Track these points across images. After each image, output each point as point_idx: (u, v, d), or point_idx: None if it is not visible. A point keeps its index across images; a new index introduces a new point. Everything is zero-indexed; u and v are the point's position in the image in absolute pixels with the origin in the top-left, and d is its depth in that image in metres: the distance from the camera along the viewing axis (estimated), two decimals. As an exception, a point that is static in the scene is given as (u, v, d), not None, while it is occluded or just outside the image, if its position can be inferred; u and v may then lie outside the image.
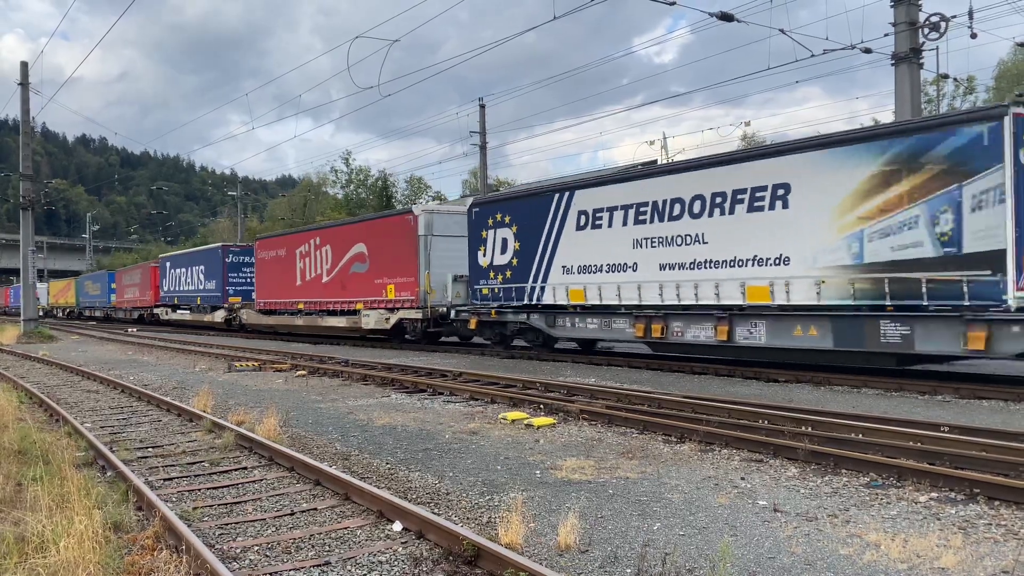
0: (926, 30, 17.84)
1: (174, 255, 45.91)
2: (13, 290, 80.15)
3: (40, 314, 40.76)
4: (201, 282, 39.27)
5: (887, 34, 18.29)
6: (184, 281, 41.76)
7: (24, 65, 35.04)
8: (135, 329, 42.72)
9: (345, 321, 26.73)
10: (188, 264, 41.33)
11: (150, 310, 47.43)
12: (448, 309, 22.41)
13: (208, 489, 7.30)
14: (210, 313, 38.16)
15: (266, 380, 16.33)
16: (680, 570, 4.88)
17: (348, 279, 26.80)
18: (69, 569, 4.85)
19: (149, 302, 47.28)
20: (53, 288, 76.08)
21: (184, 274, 41.71)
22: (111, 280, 56.38)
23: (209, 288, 38.23)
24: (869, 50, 19.20)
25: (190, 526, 5.76)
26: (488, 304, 20.38)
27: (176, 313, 42.94)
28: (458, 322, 22.00)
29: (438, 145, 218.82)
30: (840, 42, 22.27)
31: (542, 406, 11.22)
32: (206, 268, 38.59)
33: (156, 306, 46.31)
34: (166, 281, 44.63)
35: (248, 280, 36.22)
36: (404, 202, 55.23)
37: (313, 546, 5.58)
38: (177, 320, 42.67)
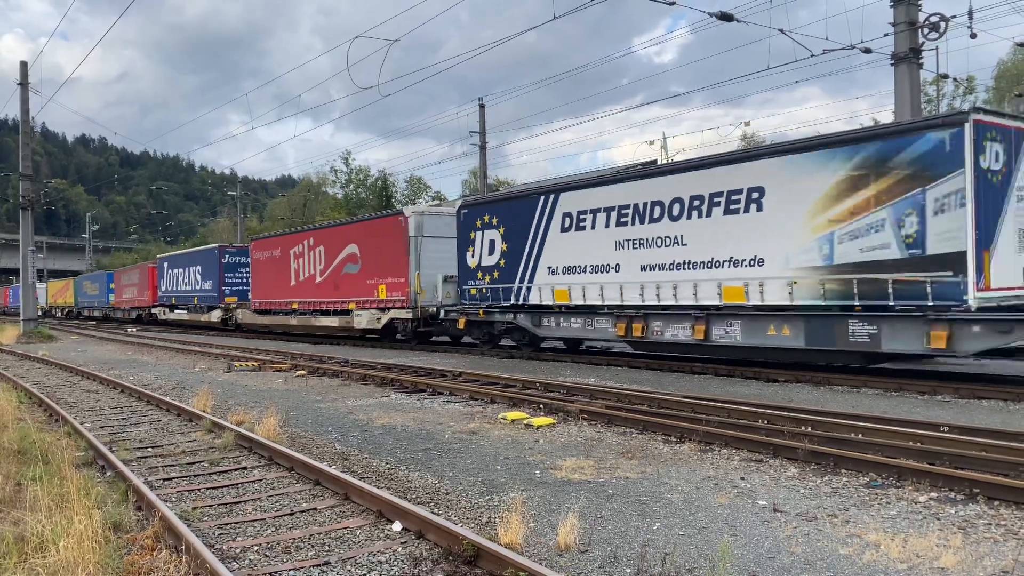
0: (926, 30, 17.84)
1: (172, 255, 45.99)
2: (12, 290, 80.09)
3: (39, 314, 40.72)
4: (198, 282, 39.43)
5: (887, 34, 18.29)
6: (182, 281, 41.90)
7: (24, 65, 35.06)
8: (134, 329, 42.72)
9: (338, 321, 26.94)
10: (185, 264, 41.45)
11: (148, 310, 47.48)
12: (438, 309, 22.62)
13: (208, 489, 7.30)
14: (207, 313, 38.33)
15: (266, 380, 16.33)
16: (680, 570, 4.88)
17: (341, 279, 27.00)
18: (69, 569, 4.84)
19: (147, 302, 47.32)
20: (52, 288, 75.99)
21: (181, 274, 41.84)
22: (109, 280, 56.39)
23: (206, 288, 38.38)
24: (869, 50, 19.20)
25: (190, 526, 5.76)
26: (476, 304, 20.58)
27: (174, 313, 43.03)
28: (447, 322, 22.22)
29: (438, 145, 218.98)
30: (840, 42, 22.33)
31: (542, 406, 11.22)
32: (203, 268, 38.75)
33: (154, 306, 46.37)
34: (164, 281, 44.72)
35: (244, 280, 36.39)
36: (404, 202, 55.20)
37: (313, 546, 5.58)
38: (175, 320, 42.78)
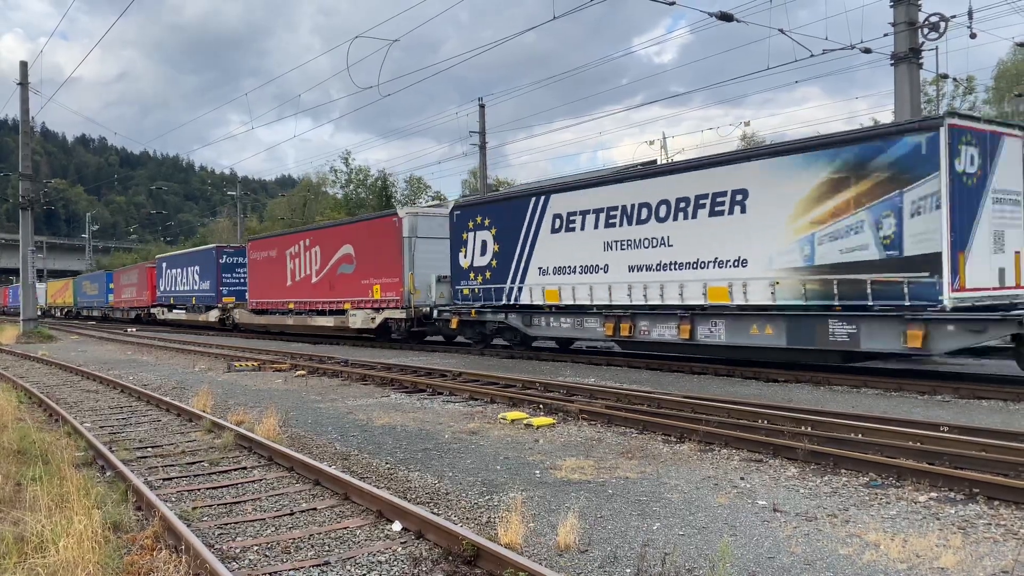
0: (925, 30, 17.83)
1: (170, 256, 46.07)
2: (12, 290, 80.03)
3: (38, 314, 40.74)
4: (196, 282, 39.58)
5: (887, 34, 18.28)
6: (180, 281, 42.03)
7: (23, 65, 35.05)
8: (134, 329, 42.73)
9: (333, 321, 27.09)
10: (184, 265, 41.56)
11: (147, 310, 47.51)
12: (432, 309, 22.78)
13: (207, 489, 7.30)
14: (205, 313, 38.47)
15: (265, 380, 16.33)
16: (680, 570, 4.88)
17: (336, 280, 27.15)
18: (68, 569, 4.84)
19: (146, 302, 47.35)
20: (51, 288, 75.92)
21: (180, 274, 41.97)
22: (109, 280, 56.40)
23: (204, 288, 38.53)
24: (869, 50, 19.19)
25: (189, 526, 5.75)
26: (469, 304, 20.77)
27: (172, 313, 43.11)
28: (440, 322, 22.40)
29: (438, 145, 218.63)
30: (840, 42, 22.32)
31: (541, 406, 11.22)
32: (201, 269, 38.89)
33: (153, 306, 46.41)
34: (162, 281, 44.81)
35: (241, 280, 36.54)
36: (404, 202, 55.18)
37: (312, 546, 5.58)
38: (173, 320, 42.87)
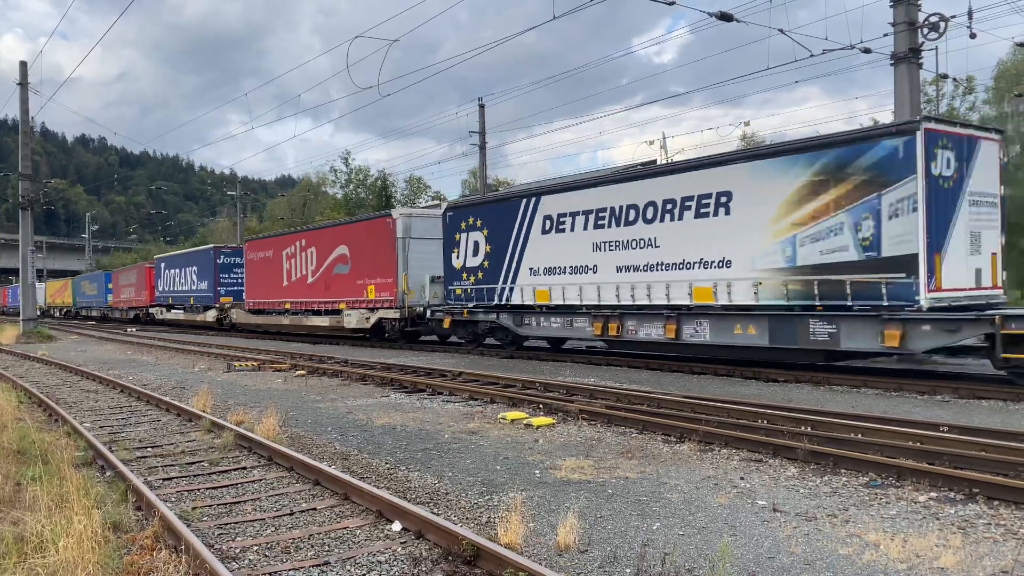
0: (925, 30, 17.81)
1: (169, 256, 46.13)
2: (12, 290, 79.99)
3: (37, 314, 40.74)
4: (194, 283, 39.70)
5: (886, 34, 18.25)
6: (178, 282, 42.13)
7: (23, 65, 35.03)
8: (134, 329, 42.74)
9: (328, 320, 27.23)
10: (182, 265, 41.66)
11: (146, 310, 47.54)
12: (425, 309, 22.98)
13: (207, 489, 7.30)
14: (202, 313, 38.59)
15: (265, 380, 16.33)
16: (680, 570, 4.88)
17: (331, 280, 27.27)
18: (68, 569, 4.84)
19: (145, 302, 47.38)
20: (50, 288, 75.88)
21: (178, 275, 42.07)
22: (108, 280, 56.41)
23: (202, 288, 38.64)
24: (868, 50, 19.17)
25: (189, 526, 5.75)
26: (461, 304, 20.96)
27: (171, 313, 43.18)
28: (434, 321, 22.60)
29: (438, 145, 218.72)
30: (839, 42, 22.33)
31: (541, 406, 11.22)
32: (199, 269, 39.00)
33: (152, 306, 46.46)
34: (161, 281, 44.88)
35: (239, 281, 36.67)
36: (404, 202, 55.13)
37: (312, 546, 5.58)
38: (171, 320, 42.95)
